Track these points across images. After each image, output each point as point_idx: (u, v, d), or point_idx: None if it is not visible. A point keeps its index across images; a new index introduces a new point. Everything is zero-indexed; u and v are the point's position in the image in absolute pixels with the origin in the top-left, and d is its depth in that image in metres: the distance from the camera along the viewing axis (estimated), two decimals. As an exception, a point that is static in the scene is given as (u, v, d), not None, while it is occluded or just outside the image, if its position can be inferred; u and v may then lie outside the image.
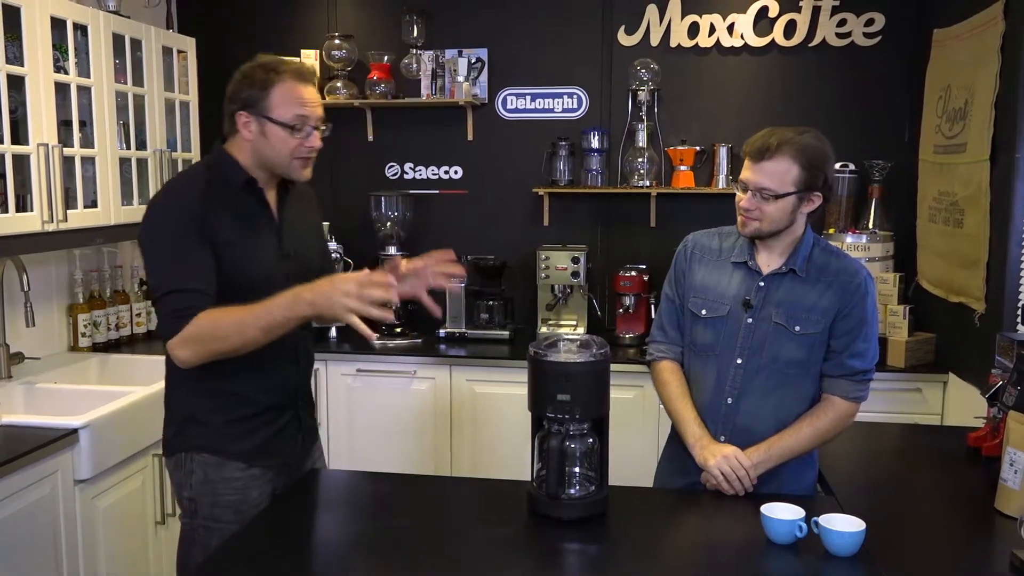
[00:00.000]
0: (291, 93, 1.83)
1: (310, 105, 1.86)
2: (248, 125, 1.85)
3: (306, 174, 1.93)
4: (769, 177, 1.88)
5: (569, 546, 1.70)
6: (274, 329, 1.73)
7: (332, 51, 3.76)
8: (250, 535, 1.74)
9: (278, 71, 1.84)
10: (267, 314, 1.71)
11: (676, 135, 3.70)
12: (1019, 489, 1.75)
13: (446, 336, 3.64)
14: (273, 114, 1.83)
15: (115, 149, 3.01)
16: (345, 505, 1.95)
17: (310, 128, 1.87)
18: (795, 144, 1.88)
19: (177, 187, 1.92)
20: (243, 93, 1.84)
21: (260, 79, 1.83)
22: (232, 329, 1.73)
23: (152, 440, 2.68)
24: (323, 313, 1.70)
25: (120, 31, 3.01)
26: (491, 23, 3.79)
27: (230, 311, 1.73)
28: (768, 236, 1.96)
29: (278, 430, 1.96)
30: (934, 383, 3.12)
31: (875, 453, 2.35)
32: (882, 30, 3.52)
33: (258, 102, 1.83)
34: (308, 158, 1.90)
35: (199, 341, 1.74)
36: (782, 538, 1.63)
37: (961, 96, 2.93)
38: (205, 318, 1.73)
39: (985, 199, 2.70)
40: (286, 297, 1.71)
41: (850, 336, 1.95)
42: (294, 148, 1.86)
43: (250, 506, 1.89)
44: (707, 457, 1.92)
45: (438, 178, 3.92)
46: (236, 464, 1.89)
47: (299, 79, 1.85)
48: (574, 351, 1.76)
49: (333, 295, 1.66)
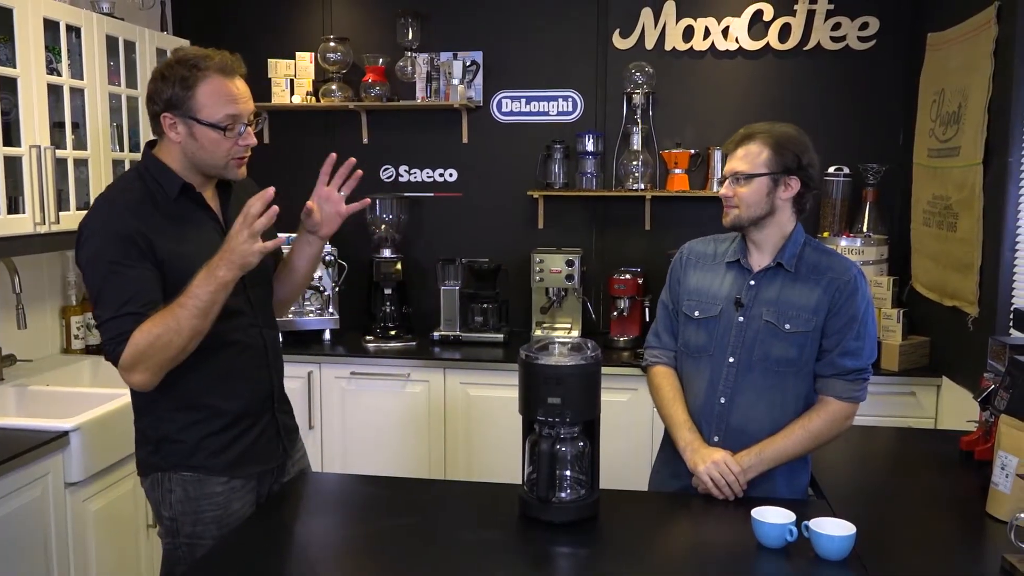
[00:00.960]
0: (219, 90, 1.72)
1: (240, 101, 1.75)
2: (175, 127, 1.74)
3: (242, 173, 1.83)
4: (741, 160, 1.95)
5: (559, 550, 1.70)
6: (208, 309, 1.66)
7: (327, 53, 3.76)
8: (238, 540, 1.73)
9: (200, 67, 1.71)
10: (194, 299, 1.65)
11: (671, 138, 3.70)
12: (1010, 493, 1.74)
13: (440, 339, 3.63)
14: (201, 115, 1.72)
15: (108, 151, 3.00)
16: (333, 509, 1.95)
17: (242, 126, 1.76)
18: (766, 131, 1.96)
19: (105, 207, 1.77)
20: (165, 93, 1.73)
21: (182, 77, 1.71)
22: (169, 332, 1.65)
23: (144, 443, 2.68)
24: (240, 267, 1.65)
25: (114, 33, 3.01)
26: (486, 26, 3.79)
27: (158, 318, 1.66)
28: (749, 224, 1.97)
29: (257, 437, 1.90)
30: (928, 387, 3.12)
31: (868, 457, 2.34)
32: (876, 34, 3.53)
33: (183, 103, 1.72)
34: (244, 157, 1.80)
35: (143, 360, 1.67)
36: (772, 542, 1.62)
37: (955, 100, 2.93)
38: (138, 336, 1.66)
39: (978, 203, 2.70)
40: (200, 276, 1.66)
41: (841, 334, 1.95)
42: (228, 149, 1.76)
43: (233, 519, 1.85)
44: (697, 462, 1.92)
45: (433, 181, 3.92)
46: (217, 479, 1.83)
47: (224, 73, 1.73)
48: (565, 354, 1.76)
49: (235, 250, 1.63)
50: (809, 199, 1.99)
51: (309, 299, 3.62)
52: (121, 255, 1.69)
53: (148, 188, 1.78)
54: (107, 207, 1.77)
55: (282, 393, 2.02)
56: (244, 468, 1.88)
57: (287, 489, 1.97)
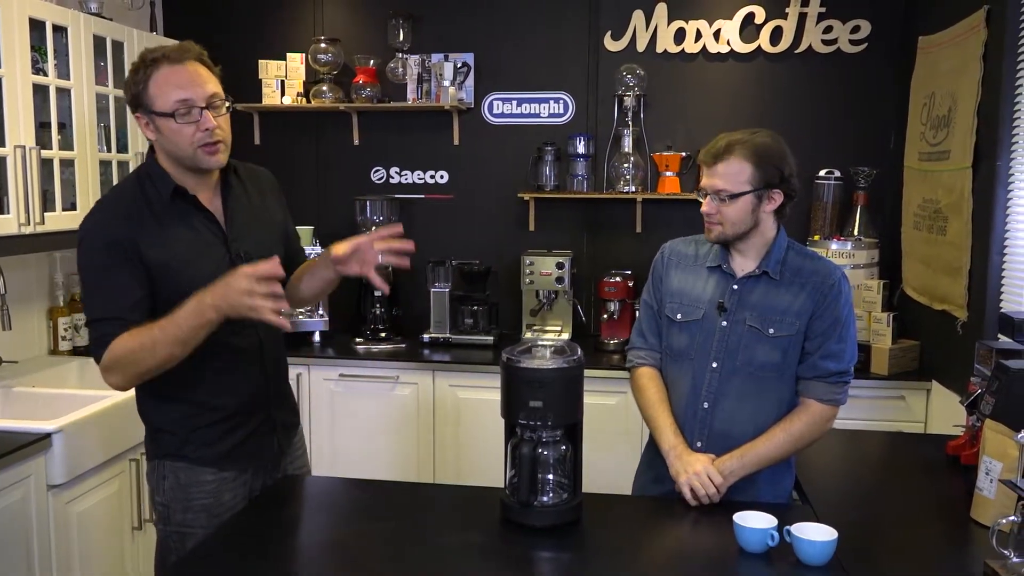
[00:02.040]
0: (167, 79, 1.70)
1: (190, 86, 1.71)
2: (148, 126, 1.75)
3: (219, 160, 1.79)
4: (723, 179, 1.90)
5: (541, 554, 1.68)
6: (187, 341, 1.67)
7: (318, 55, 3.75)
8: (221, 541, 1.72)
9: (148, 61, 1.71)
10: (175, 328, 1.66)
11: (662, 141, 3.69)
12: (994, 499, 1.73)
13: (430, 341, 3.62)
14: (155, 106, 1.71)
15: (95, 152, 2.99)
16: (317, 511, 1.93)
17: (198, 110, 1.72)
18: (746, 144, 1.89)
19: (101, 210, 1.79)
20: (128, 97, 1.75)
21: (139, 74, 1.72)
22: (143, 351, 1.68)
23: (130, 444, 2.67)
24: (229, 315, 1.65)
25: (101, 33, 3.00)
26: (478, 27, 3.79)
27: (140, 332, 1.68)
28: (734, 239, 1.95)
29: (249, 433, 1.92)
30: (918, 391, 3.11)
31: (854, 461, 2.33)
32: (868, 37, 3.52)
33: (142, 99, 1.72)
34: (213, 143, 1.75)
35: (118, 367, 1.71)
36: (754, 547, 1.61)
37: (945, 103, 2.93)
38: (118, 344, 1.69)
39: (967, 207, 2.69)
40: (191, 305, 1.65)
41: (823, 337, 1.94)
42: (190, 136, 1.73)
43: (224, 509, 1.87)
44: (679, 471, 1.91)
45: (424, 183, 3.91)
46: (208, 469, 1.87)
47: (172, 61, 1.71)
48: (547, 357, 1.74)
49: (230, 296, 1.62)
50: (790, 206, 1.97)
51: (299, 301, 3.61)
52: (107, 260, 1.72)
53: (145, 191, 1.79)
54: (99, 212, 1.79)
55: (280, 390, 2.03)
56: (236, 461, 1.90)
57: (271, 492, 1.95)
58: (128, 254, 1.72)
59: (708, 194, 1.94)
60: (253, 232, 1.92)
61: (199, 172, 1.82)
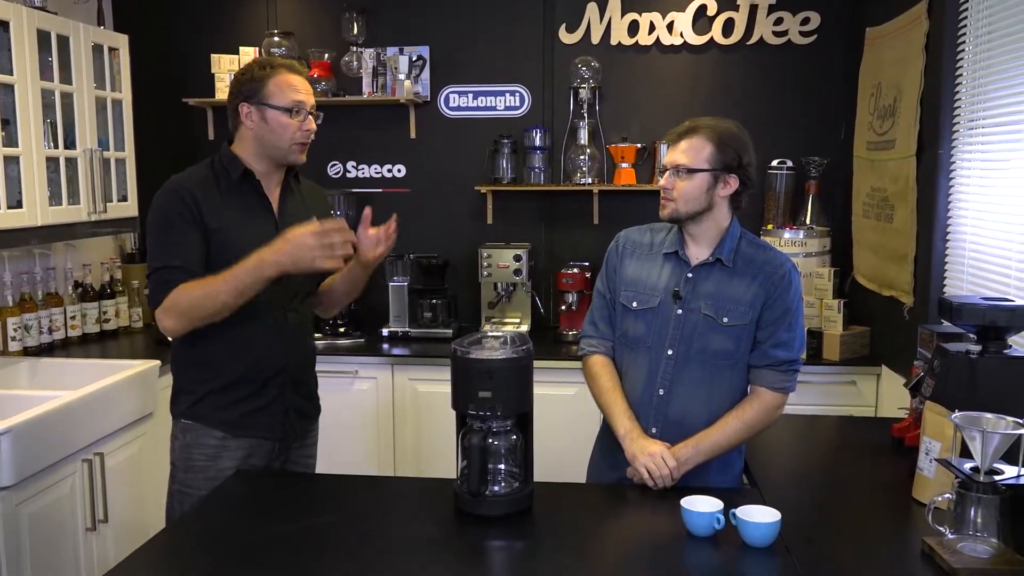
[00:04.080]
0: (286, 82, 2.03)
1: (304, 92, 2.05)
2: (250, 115, 2.03)
3: (303, 158, 2.09)
4: (684, 153, 1.96)
5: (492, 543, 1.69)
6: (244, 292, 1.91)
7: (271, 48, 3.71)
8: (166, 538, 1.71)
9: (273, 65, 2.05)
10: (234, 279, 1.89)
11: (617, 132, 3.72)
12: (934, 478, 1.78)
13: (389, 335, 3.62)
14: (272, 101, 2.01)
15: (41, 148, 2.93)
16: (266, 507, 1.91)
17: (306, 112, 2.05)
18: (711, 127, 1.96)
19: (177, 179, 2.05)
20: (243, 87, 2.03)
21: (258, 72, 2.03)
22: (203, 296, 1.91)
23: (83, 444, 2.63)
24: (290, 271, 1.90)
25: (46, 27, 2.94)
26: (432, 21, 3.78)
27: (203, 281, 1.92)
28: (686, 218, 1.98)
29: (260, 406, 2.08)
30: (868, 376, 3.18)
31: (803, 445, 2.38)
32: (818, 28, 3.58)
33: (257, 92, 2.02)
34: (305, 143, 2.07)
35: (176, 309, 1.93)
36: (701, 530, 1.64)
37: (890, 93, 2.98)
38: (182, 289, 1.92)
39: (912, 195, 2.75)
40: (251, 261, 1.88)
41: (775, 326, 1.98)
42: (294, 132, 2.03)
43: (223, 474, 2.02)
44: (635, 453, 1.93)
45: (381, 176, 3.90)
46: (212, 432, 2.05)
47: (291, 70, 2.06)
48: (496, 348, 1.75)
49: (296, 252, 1.87)
50: (745, 197, 2.01)
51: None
52: (178, 217, 1.97)
53: (215, 173, 2.06)
54: (175, 181, 2.05)
55: (300, 378, 2.18)
56: (240, 429, 2.06)
57: (221, 488, 1.94)
58: (194, 214, 1.97)
59: (667, 170, 1.98)
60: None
61: (275, 167, 2.09)
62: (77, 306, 3.43)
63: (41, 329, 3.25)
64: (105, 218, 3.27)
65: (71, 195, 3.10)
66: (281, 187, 2.14)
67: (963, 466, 1.56)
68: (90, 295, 3.50)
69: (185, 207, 1.98)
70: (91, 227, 3.24)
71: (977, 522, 1.53)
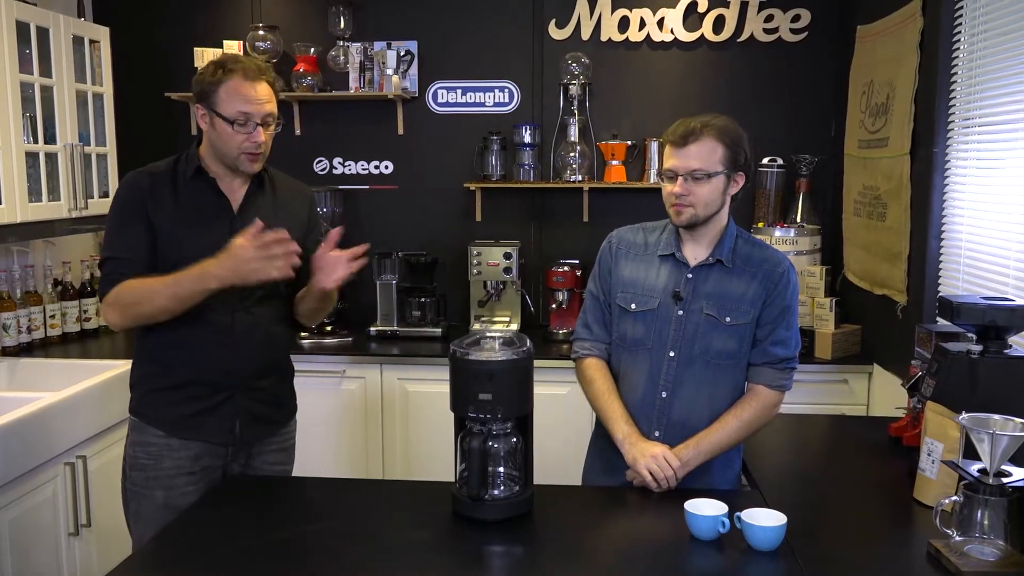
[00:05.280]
0: (237, 90, 1.91)
1: (255, 103, 1.92)
2: (204, 118, 1.96)
3: (255, 167, 2.00)
4: (698, 158, 1.90)
5: (492, 548, 1.66)
6: (184, 299, 1.87)
7: (256, 42, 3.65)
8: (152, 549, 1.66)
9: (227, 68, 1.92)
10: (176, 284, 1.86)
11: (607, 130, 3.69)
12: (936, 479, 1.77)
13: (377, 334, 3.57)
14: (219, 109, 1.92)
15: (20, 143, 2.86)
16: (260, 512, 1.87)
17: (254, 124, 1.93)
18: (716, 126, 1.92)
19: (137, 170, 2.02)
20: (198, 87, 1.95)
21: (212, 75, 1.92)
22: (144, 296, 1.88)
23: (65, 447, 2.57)
24: (234, 283, 1.84)
25: (25, 19, 2.87)
26: (420, 15, 3.73)
27: (147, 280, 1.89)
28: (703, 222, 1.95)
29: (205, 408, 2.01)
30: (860, 374, 3.17)
31: (799, 445, 2.37)
32: (808, 26, 3.57)
33: (209, 96, 1.93)
34: (255, 153, 1.96)
35: (119, 304, 1.91)
36: (705, 534, 1.62)
37: (883, 91, 2.98)
38: (126, 285, 1.89)
39: (906, 193, 2.75)
40: (195, 270, 1.85)
41: (774, 324, 1.96)
42: (240, 143, 1.94)
43: (163, 476, 1.98)
44: (636, 456, 1.90)
45: (368, 173, 3.85)
46: (153, 430, 2.00)
47: (247, 76, 1.92)
48: (496, 349, 1.72)
49: (237, 265, 1.82)
50: (741, 192, 2.00)
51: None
52: (130, 209, 1.95)
53: (176, 168, 2.01)
54: (135, 172, 2.01)
55: (258, 382, 2.07)
56: (183, 431, 2.00)
57: (213, 492, 1.90)
58: (144, 209, 1.94)
59: (679, 175, 1.91)
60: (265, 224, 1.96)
61: (228, 166, 2.00)
62: (57, 305, 3.36)
63: (20, 328, 3.18)
64: (86, 215, 3.19)
65: (51, 191, 3.02)
66: (249, 185, 2.05)
67: (970, 468, 1.54)
68: (70, 294, 3.43)
69: (135, 200, 1.95)
70: (71, 224, 3.16)
71: (984, 524, 1.52)
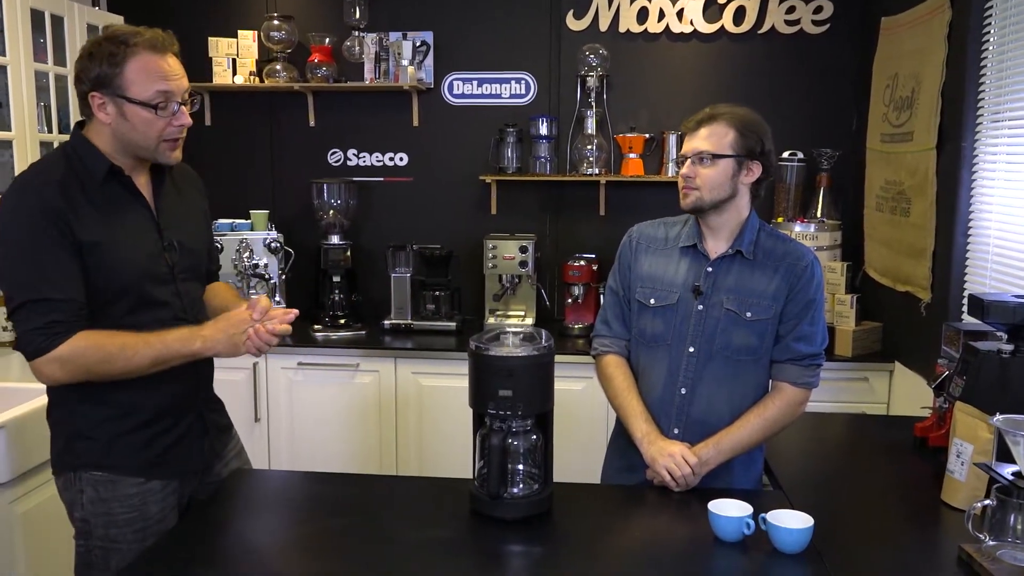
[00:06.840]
0: (148, 67, 1.64)
1: (172, 78, 1.66)
2: (104, 107, 1.65)
3: (175, 156, 1.74)
4: (706, 140, 1.90)
5: (511, 547, 1.63)
6: (165, 362, 1.67)
7: (271, 32, 3.62)
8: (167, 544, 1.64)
9: (129, 43, 1.63)
10: (162, 346, 1.65)
11: (625, 122, 3.64)
12: (965, 481, 1.73)
13: (391, 327, 3.54)
14: (130, 93, 1.63)
15: (35, 132, 2.84)
16: (272, 508, 1.85)
17: (176, 104, 1.67)
18: (731, 113, 1.92)
19: (30, 181, 1.67)
20: (92, 71, 1.64)
21: (110, 54, 1.62)
22: (119, 355, 1.63)
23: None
24: (220, 354, 1.70)
25: (39, 7, 2.85)
26: (437, 5, 3.69)
27: (117, 335, 1.63)
28: (710, 208, 1.92)
29: (178, 437, 1.80)
30: (881, 372, 3.13)
31: (822, 444, 2.33)
32: (830, 18, 3.51)
33: (111, 80, 1.63)
34: (178, 139, 1.72)
35: (76, 363, 1.62)
36: (729, 535, 1.58)
37: (908, 84, 2.92)
38: (86, 340, 1.61)
39: (931, 188, 2.69)
40: (183, 333, 1.68)
41: (797, 319, 1.92)
42: (161, 129, 1.67)
43: (152, 522, 1.76)
44: (655, 456, 1.87)
45: (382, 165, 3.81)
46: (132, 480, 1.74)
47: (155, 50, 1.65)
48: (517, 345, 1.69)
49: (233, 340, 1.68)
50: (765, 186, 1.97)
51: (255, 287, 3.50)
52: (45, 233, 1.59)
53: (74, 169, 1.67)
54: (29, 184, 1.66)
55: (210, 393, 1.94)
56: (162, 469, 1.78)
57: (223, 488, 1.87)
58: (62, 231, 1.60)
59: (688, 158, 1.91)
60: (183, 222, 1.85)
61: (142, 159, 1.74)
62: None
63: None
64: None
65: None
66: (152, 179, 1.79)
67: (1004, 471, 1.50)
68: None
69: (51, 219, 1.59)
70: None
71: (1018, 529, 1.48)
